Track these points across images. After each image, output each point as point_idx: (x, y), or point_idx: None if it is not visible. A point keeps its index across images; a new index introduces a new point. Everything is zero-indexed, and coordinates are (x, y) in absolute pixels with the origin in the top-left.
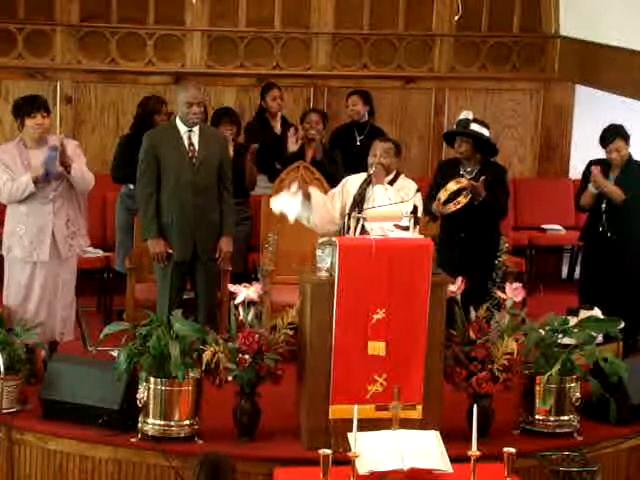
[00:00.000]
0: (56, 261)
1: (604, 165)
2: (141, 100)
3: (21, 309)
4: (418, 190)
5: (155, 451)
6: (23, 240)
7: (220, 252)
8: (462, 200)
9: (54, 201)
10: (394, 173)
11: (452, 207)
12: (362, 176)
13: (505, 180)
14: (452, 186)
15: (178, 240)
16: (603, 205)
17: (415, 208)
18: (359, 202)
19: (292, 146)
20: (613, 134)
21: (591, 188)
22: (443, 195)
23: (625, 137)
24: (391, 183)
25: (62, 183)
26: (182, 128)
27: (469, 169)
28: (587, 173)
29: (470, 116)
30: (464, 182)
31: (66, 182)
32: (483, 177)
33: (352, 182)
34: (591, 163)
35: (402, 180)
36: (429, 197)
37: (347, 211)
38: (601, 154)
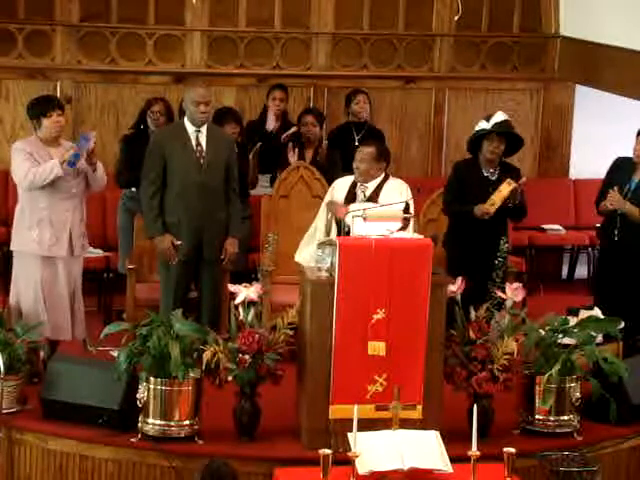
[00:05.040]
0: (70, 258)
1: (628, 165)
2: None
3: (36, 306)
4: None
5: (155, 451)
6: (41, 235)
7: (225, 253)
8: (497, 202)
9: (73, 198)
10: (382, 176)
11: (491, 209)
12: (350, 178)
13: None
14: (505, 190)
15: (184, 240)
16: (619, 210)
17: (407, 206)
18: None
19: (292, 158)
20: None
21: (608, 206)
22: (499, 199)
23: None
24: (380, 186)
25: (82, 181)
26: (190, 128)
27: (492, 170)
28: (612, 170)
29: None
30: (513, 184)
31: (83, 181)
32: (524, 178)
33: (340, 184)
34: (618, 160)
35: (392, 181)
36: (450, 199)
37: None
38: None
